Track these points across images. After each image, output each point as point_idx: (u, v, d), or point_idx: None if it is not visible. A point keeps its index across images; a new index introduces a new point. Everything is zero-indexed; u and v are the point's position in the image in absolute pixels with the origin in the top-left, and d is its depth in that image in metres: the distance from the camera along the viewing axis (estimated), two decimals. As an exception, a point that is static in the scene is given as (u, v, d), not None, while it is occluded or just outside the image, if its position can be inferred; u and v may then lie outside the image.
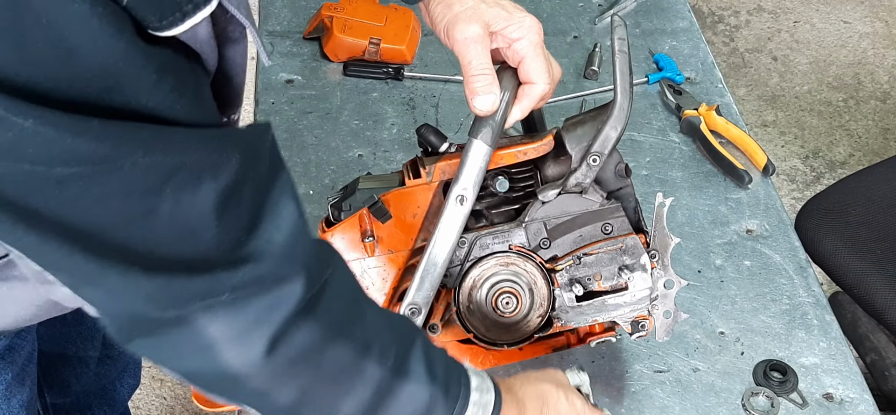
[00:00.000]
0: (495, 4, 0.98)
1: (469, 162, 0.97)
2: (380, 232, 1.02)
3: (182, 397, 2.13)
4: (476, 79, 0.96)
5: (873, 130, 2.91)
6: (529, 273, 1.04)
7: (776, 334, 1.21)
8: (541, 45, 0.98)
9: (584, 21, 1.70)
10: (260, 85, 1.54)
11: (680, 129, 1.49)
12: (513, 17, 0.98)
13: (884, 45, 3.20)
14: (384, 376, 0.79)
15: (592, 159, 1.00)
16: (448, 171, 1.01)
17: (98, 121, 0.58)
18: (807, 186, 2.72)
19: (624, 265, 1.04)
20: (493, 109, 0.96)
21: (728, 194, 1.40)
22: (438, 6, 0.98)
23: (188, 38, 0.65)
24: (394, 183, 1.04)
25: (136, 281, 0.66)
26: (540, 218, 1.03)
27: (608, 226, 1.04)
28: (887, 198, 1.78)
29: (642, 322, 1.07)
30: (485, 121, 0.97)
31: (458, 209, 0.98)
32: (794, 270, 1.29)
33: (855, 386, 1.16)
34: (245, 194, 0.68)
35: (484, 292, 1.04)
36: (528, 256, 1.03)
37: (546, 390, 0.95)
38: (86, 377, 1.48)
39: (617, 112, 0.99)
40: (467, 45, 0.96)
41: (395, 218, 1.01)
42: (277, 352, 0.72)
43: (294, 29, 1.64)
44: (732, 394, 1.14)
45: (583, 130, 1.01)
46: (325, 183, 1.38)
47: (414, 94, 1.54)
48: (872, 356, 2.11)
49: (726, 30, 3.24)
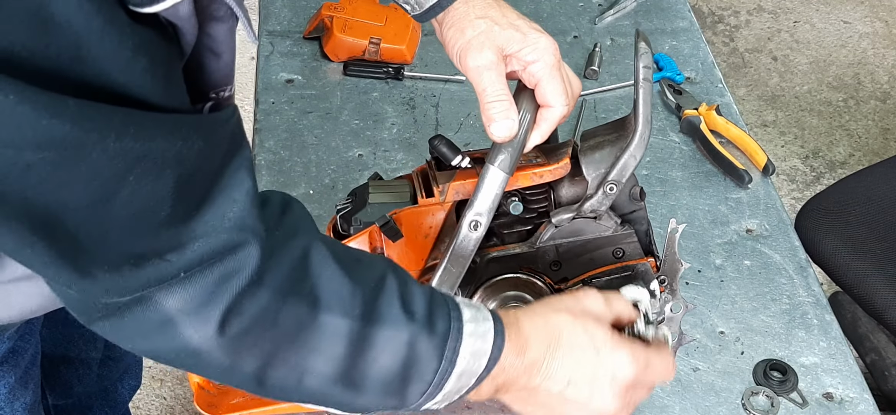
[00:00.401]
0: (509, 26, 0.94)
1: (485, 188, 0.94)
2: (390, 251, 0.99)
3: (182, 398, 2.13)
4: (492, 106, 0.92)
5: (873, 130, 2.91)
6: (538, 295, 1.03)
7: (776, 333, 1.21)
8: (557, 66, 0.95)
9: (584, 21, 1.70)
10: (260, 85, 1.54)
11: (680, 128, 1.49)
12: (527, 38, 0.94)
13: (884, 45, 3.20)
14: (353, 327, 0.77)
15: (609, 188, 0.98)
16: (462, 191, 0.98)
17: (74, 101, 0.58)
18: (807, 186, 2.72)
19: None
20: (511, 135, 0.93)
21: (728, 194, 1.40)
22: (450, 30, 0.95)
23: (170, 15, 0.65)
24: (405, 194, 1.01)
25: (90, 270, 0.66)
26: (552, 241, 1.01)
27: (620, 250, 1.03)
28: (887, 198, 1.78)
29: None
30: (503, 147, 0.94)
31: (472, 234, 0.96)
32: (794, 270, 1.29)
33: (855, 386, 1.16)
34: (202, 177, 0.68)
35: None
36: (537, 276, 1.02)
37: (560, 324, 0.87)
38: (88, 379, 1.48)
39: (637, 141, 0.96)
40: (480, 73, 0.93)
41: (406, 237, 0.99)
42: (231, 324, 0.72)
43: (294, 29, 1.64)
44: (732, 393, 1.14)
45: (601, 155, 0.98)
46: (325, 183, 1.38)
47: (414, 94, 1.54)
48: (872, 356, 2.11)
49: (726, 30, 3.24)
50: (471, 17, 0.94)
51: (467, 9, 0.95)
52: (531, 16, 0.99)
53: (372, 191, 1.02)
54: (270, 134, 1.45)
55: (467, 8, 0.95)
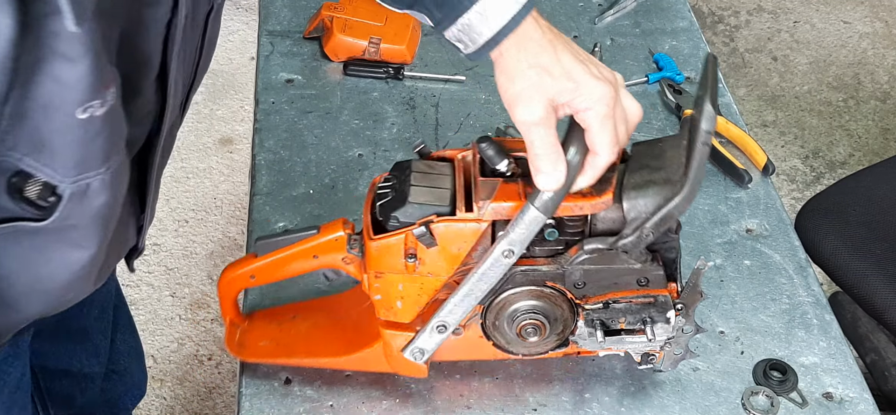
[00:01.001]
0: (562, 75, 0.91)
1: (523, 226, 0.94)
2: (422, 255, 1.00)
3: (182, 398, 2.13)
4: (539, 158, 0.91)
5: (873, 130, 2.91)
6: (559, 308, 1.04)
7: (776, 333, 1.21)
8: (609, 115, 0.92)
9: (584, 21, 1.70)
10: (260, 85, 1.54)
11: (680, 128, 1.49)
12: (580, 88, 0.91)
13: (884, 45, 3.20)
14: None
15: (646, 233, 0.96)
16: (501, 213, 0.97)
17: None
18: (807, 186, 2.73)
19: (650, 316, 1.04)
20: (558, 187, 0.92)
21: (728, 194, 1.40)
22: (501, 77, 0.93)
23: None
24: (445, 196, 0.99)
25: None
26: (580, 265, 1.01)
27: (645, 279, 1.02)
28: (887, 198, 1.78)
29: (652, 355, 1.08)
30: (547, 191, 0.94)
31: (504, 261, 0.97)
32: (793, 270, 1.29)
33: (855, 386, 1.16)
34: None
35: (512, 318, 1.04)
36: (560, 292, 1.03)
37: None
38: (91, 392, 1.47)
39: (682, 199, 0.95)
40: (529, 128, 0.91)
41: (440, 246, 0.99)
42: None
43: (294, 29, 1.64)
44: (732, 393, 1.14)
45: (645, 202, 0.96)
46: (325, 183, 1.38)
47: (414, 94, 1.54)
48: (872, 356, 2.11)
49: (726, 30, 3.24)
50: (522, 66, 0.91)
51: (519, 56, 0.92)
52: (531, 15, 0.98)
53: (413, 185, 1.00)
54: (270, 134, 1.45)
55: (519, 55, 0.92)
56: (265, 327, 1.16)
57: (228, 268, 1.10)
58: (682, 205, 0.95)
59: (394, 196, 1.01)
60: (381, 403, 1.11)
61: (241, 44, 3.02)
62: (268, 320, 1.17)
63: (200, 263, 2.41)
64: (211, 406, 2.13)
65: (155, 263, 2.39)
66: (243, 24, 3.07)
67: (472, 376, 1.14)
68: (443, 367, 1.14)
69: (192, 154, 2.68)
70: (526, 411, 1.11)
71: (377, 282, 1.02)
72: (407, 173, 1.02)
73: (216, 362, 2.20)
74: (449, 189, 1.00)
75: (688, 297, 1.04)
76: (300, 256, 1.06)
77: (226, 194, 2.59)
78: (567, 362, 1.15)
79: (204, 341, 2.24)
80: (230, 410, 2.13)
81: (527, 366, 1.15)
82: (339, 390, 1.12)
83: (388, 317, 1.05)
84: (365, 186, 1.37)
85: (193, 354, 2.21)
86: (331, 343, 1.13)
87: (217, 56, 3.03)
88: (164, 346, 2.22)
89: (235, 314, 1.14)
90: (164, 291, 2.33)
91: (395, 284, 1.02)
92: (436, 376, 1.13)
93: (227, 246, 2.45)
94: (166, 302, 2.31)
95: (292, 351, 1.13)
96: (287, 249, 1.06)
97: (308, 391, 1.11)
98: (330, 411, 1.10)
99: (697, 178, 0.94)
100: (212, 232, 2.48)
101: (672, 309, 1.03)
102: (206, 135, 2.74)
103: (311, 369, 1.13)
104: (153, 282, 2.35)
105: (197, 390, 2.15)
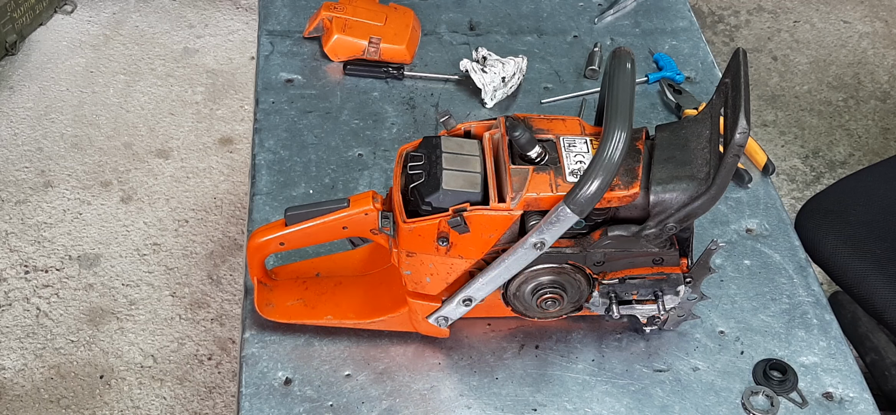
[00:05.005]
0: None
1: (556, 223, 0.99)
2: (454, 238, 1.03)
3: (182, 397, 2.13)
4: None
5: (873, 130, 2.91)
6: (577, 281, 1.09)
7: (776, 333, 1.21)
8: None
9: (584, 21, 1.70)
10: (260, 85, 1.54)
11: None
12: None
13: (884, 45, 3.20)
14: None
15: (670, 227, 1.02)
16: (533, 204, 1.01)
17: None
18: (807, 185, 2.72)
19: (661, 290, 1.10)
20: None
21: (728, 194, 1.40)
22: None
23: None
24: (477, 182, 1.02)
25: None
26: (602, 248, 1.05)
27: (660, 259, 1.07)
28: (887, 198, 1.78)
29: (657, 318, 1.14)
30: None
31: (533, 251, 1.02)
32: (793, 270, 1.29)
33: (855, 385, 1.16)
34: None
35: (532, 290, 1.09)
36: (580, 270, 1.08)
37: None
38: None
39: (707, 201, 0.99)
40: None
41: (472, 232, 1.02)
42: None
43: (294, 29, 1.64)
44: (732, 393, 1.14)
45: (670, 198, 1.01)
46: (325, 183, 1.38)
47: (414, 94, 1.54)
48: (872, 356, 2.11)
49: (726, 30, 3.24)
50: None
51: None
52: (531, 15, 0.99)
53: (446, 169, 1.03)
54: (270, 134, 1.45)
55: None
56: (291, 286, 1.19)
57: (257, 232, 1.13)
58: (707, 205, 1.00)
59: (426, 180, 1.03)
60: (382, 403, 1.11)
61: (241, 44, 3.02)
62: (293, 278, 1.20)
63: (200, 263, 2.41)
64: (211, 406, 2.13)
65: (155, 263, 2.39)
66: (243, 24, 3.06)
67: (472, 376, 1.14)
68: (443, 366, 1.14)
69: (192, 154, 2.68)
70: (526, 411, 1.11)
71: (408, 259, 1.06)
72: (437, 152, 1.04)
73: (216, 361, 2.20)
74: (480, 173, 1.03)
75: (697, 272, 1.09)
76: (330, 226, 1.09)
77: (226, 194, 2.59)
78: (567, 361, 1.15)
79: (204, 341, 2.24)
80: (230, 410, 2.13)
81: (527, 366, 1.15)
82: (340, 390, 1.12)
83: (416, 289, 1.10)
84: (365, 185, 1.37)
85: (193, 354, 2.21)
86: (357, 305, 1.17)
87: (217, 56, 3.03)
88: (164, 346, 2.22)
89: (263, 274, 1.18)
90: (164, 291, 2.33)
91: (426, 263, 1.06)
92: (436, 376, 1.13)
93: (227, 246, 2.45)
94: (166, 302, 2.31)
95: (320, 312, 1.17)
96: (317, 219, 1.09)
97: (308, 391, 1.12)
98: (330, 411, 1.10)
99: (723, 183, 0.98)
100: (212, 232, 2.48)
101: (683, 284, 1.09)
102: (206, 135, 2.74)
103: (311, 369, 1.13)
104: (153, 282, 2.35)
105: (197, 390, 2.15)
